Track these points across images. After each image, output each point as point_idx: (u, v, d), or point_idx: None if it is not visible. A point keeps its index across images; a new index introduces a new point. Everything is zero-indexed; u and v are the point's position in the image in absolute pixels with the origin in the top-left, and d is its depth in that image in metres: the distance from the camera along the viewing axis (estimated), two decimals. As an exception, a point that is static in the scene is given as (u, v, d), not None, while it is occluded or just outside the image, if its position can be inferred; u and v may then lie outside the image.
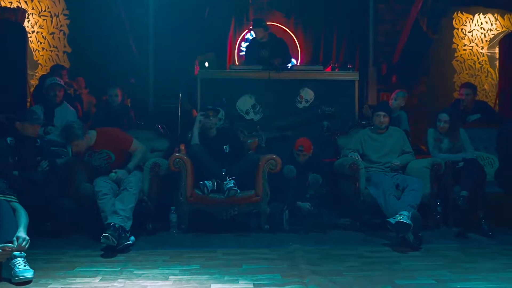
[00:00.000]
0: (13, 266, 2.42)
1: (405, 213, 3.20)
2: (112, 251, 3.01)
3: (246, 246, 3.29)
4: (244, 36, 6.65)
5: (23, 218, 2.60)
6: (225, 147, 3.99)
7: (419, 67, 6.45)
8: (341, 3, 6.35)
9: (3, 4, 6.46)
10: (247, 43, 5.81)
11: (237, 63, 6.40)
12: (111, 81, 6.22)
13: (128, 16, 6.42)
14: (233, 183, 3.62)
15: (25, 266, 2.45)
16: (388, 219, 3.25)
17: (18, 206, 2.71)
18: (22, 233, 2.51)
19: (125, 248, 3.05)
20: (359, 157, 3.86)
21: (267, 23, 6.52)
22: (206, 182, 3.64)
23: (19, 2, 6.64)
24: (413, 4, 5.94)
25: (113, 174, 3.46)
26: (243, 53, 6.64)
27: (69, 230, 3.53)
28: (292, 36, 6.47)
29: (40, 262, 2.75)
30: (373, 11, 6.25)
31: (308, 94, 4.69)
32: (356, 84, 4.72)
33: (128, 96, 5.87)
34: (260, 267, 2.74)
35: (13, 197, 2.74)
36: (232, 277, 2.52)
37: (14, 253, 2.47)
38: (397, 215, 3.20)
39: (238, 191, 3.62)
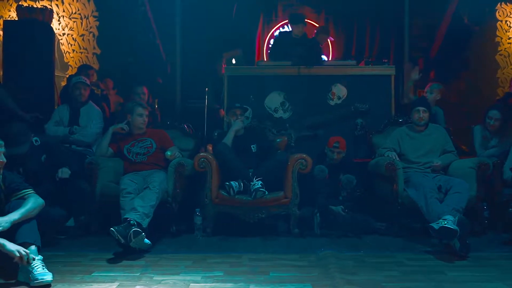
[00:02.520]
0: (31, 269, 2.31)
1: (450, 217, 2.89)
2: (129, 251, 2.87)
3: (274, 251, 3.07)
4: (273, 32, 6.46)
5: (26, 204, 2.47)
6: (253, 147, 3.81)
7: (459, 62, 6.04)
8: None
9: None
10: (276, 38, 5.58)
11: (266, 60, 6.21)
12: (139, 81, 6.21)
13: (155, 16, 6.38)
14: (261, 184, 3.42)
15: (43, 269, 2.34)
16: (431, 224, 2.95)
17: (32, 195, 2.57)
18: (11, 216, 2.38)
19: (141, 247, 2.90)
20: (396, 156, 3.57)
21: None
22: (232, 182, 3.46)
23: (50, 5, 6.75)
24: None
25: (168, 152, 3.59)
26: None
27: (96, 229, 3.48)
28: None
29: (59, 265, 2.64)
30: (408, 2, 5.90)
31: (340, 91, 4.43)
32: (392, 79, 4.42)
33: (156, 96, 5.81)
34: (289, 275, 2.51)
35: (29, 190, 2.62)
36: (258, 286, 2.32)
37: (32, 255, 2.36)
38: (441, 220, 2.90)
39: (266, 192, 3.42)
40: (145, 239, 2.91)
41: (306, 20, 5.20)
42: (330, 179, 3.63)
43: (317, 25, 6.30)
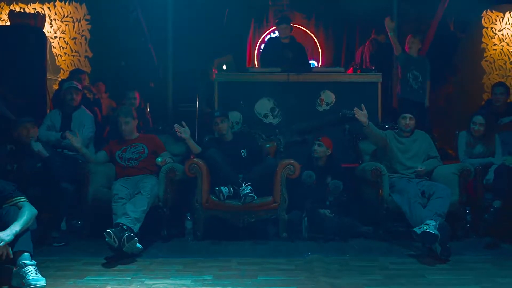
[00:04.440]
0: (24, 275, 2.37)
1: (431, 222, 3.01)
2: (121, 256, 2.93)
3: (263, 255, 3.16)
4: (264, 38, 6.54)
5: (23, 214, 2.52)
6: (242, 152, 3.88)
7: (447, 67, 6.17)
8: (364, 3, 6.14)
9: (26, 10, 6.60)
10: (265, 44, 5.66)
11: (257, 66, 6.29)
12: (131, 85, 6.23)
13: (147, 21, 6.42)
14: (250, 189, 3.51)
15: (37, 274, 2.40)
16: (414, 229, 3.06)
17: (25, 204, 2.62)
18: (12, 229, 2.44)
19: (133, 251, 2.96)
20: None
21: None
22: (222, 188, 3.53)
23: (42, 8, 6.77)
24: (439, 2, 5.68)
25: (159, 159, 3.65)
26: (263, 54, 6.56)
27: (88, 234, 3.53)
28: (313, 38, 6.32)
29: (52, 269, 2.71)
30: (396, 10, 6.02)
31: (329, 97, 4.53)
32: (379, 86, 4.53)
33: (148, 100, 5.86)
34: (276, 278, 2.60)
35: (21, 197, 2.68)
36: (246, 290, 2.40)
37: (25, 261, 2.42)
38: (423, 225, 3.01)
39: (255, 197, 3.50)
40: (137, 244, 2.97)
41: (293, 24, 5.30)
42: (318, 183, 3.71)
43: (307, 31, 6.42)
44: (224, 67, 4.86)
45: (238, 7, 6.33)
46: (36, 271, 2.41)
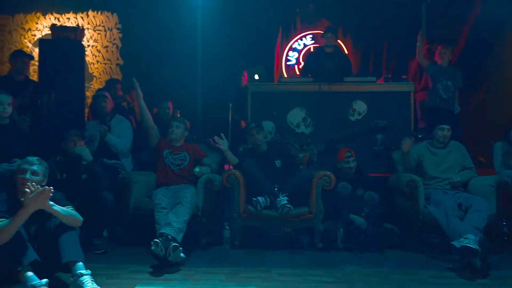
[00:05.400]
0: (81, 284, 2.48)
1: (471, 236, 3.02)
2: (165, 264, 3.04)
3: (301, 265, 3.22)
4: (291, 45, 6.59)
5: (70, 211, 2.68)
6: (277, 162, 3.95)
7: (478, 75, 6.10)
8: (392, 10, 6.13)
9: (62, 22, 6.81)
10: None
11: (284, 74, 6.35)
12: (161, 92, 6.38)
13: (177, 29, 6.54)
14: (287, 200, 3.58)
15: (93, 283, 2.51)
16: (453, 242, 3.08)
17: (73, 212, 2.78)
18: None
19: (177, 261, 3.06)
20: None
21: (316, 31, 6.52)
22: (259, 198, 3.62)
23: (76, 18, 6.99)
24: (471, 8, 5.64)
25: (197, 169, 3.77)
26: (290, 62, 6.61)
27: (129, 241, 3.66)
28: (341, 46, 6.34)
29: (103, 277, 2.81)
30: (425, 17, 5.99)
31: (360, 107, 4.57)
32: (412, 96, 4.55)
33: (177, 107, 5.98)
34: (319, 291, 2.67)
35: (69, 206, 2.81)
36: (291, 302, 2.47)
37: (81, 271, 2.54)
38: (463, 239, 3.02)
39: (292, 208, 3.57)
40: (181, 253, 3.08)
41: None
42: (351, 194, 3.76)
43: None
44: (256, 76, 4.93)
45: (266, 15, 6.40)
46: (92, 280, 2.52)
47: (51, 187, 2.53)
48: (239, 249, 3.60)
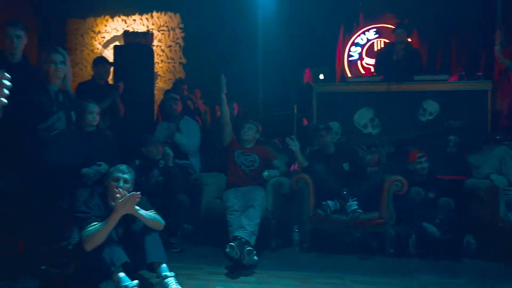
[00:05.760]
0: (166, 286, 2.63)
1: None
2: (238, 266, 3.14)
3: (373, 272, 3.19)
4: (354, 40, 6.45)
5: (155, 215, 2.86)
6: (345, 165, 3.92)
7: None
8: (463, 2, 5.79)
9: (129, 24, 7.12)
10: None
11: (347, 70, 6.24)
12: (231, 96, 6.48)
13: (238, 27, 6.61)
14: (357, 205, 3.55)
15: (177, 285, 2.64)
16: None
17: (156, 216, 2.94)
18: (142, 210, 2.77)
19: (251, 263, 3.15)
20: (504, 181, 3.50)
21: (380, 25, 6.32)
22: (329, 202, 3.62)
23: (141, 19, 7.27)
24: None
25: (266, 173, 3.82)
26: (353, 58, 6.48)
27: (202, 241, 3.82)
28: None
29: (183, 277, 2.94)
30: (501, 9, 5.60)
31: (432, 106, 4.40)
32: (489, 95, 4.31)
33: (239, 105, 6.06)
34: (396, 301, 2.64)
35: (153, 211, 2.97)
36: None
37: (166, 272, 2.69)
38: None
39: (362, 213, 3.54)
40: (255, 256, 3.16)
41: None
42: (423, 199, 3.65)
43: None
44: (321, 76, 4.89)
45: (328, 12, 6.29)
46: (176, 282, 2.66)
47: (139, 192, 2.69)
48: (308, 252, 3.63)
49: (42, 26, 7.39)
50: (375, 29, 6.39)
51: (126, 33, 4.82)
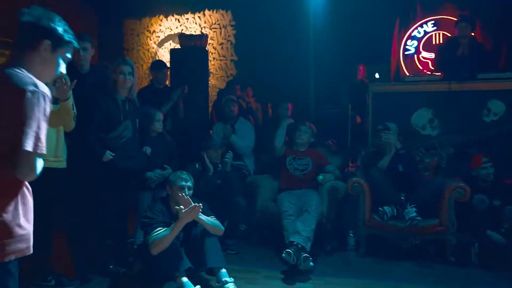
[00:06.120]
0: (226, 292, 2.74)
1: None
2: (295, 271, 3.18)
3: (433, 282, 3.12)
4: (410, 33, 6.19)
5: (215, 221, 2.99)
6: (399, 166, 3.82)
7: None
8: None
9: (182, 23, 7.27)
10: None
11: (403, 66, 6.02)
12: (273, 87, 6.51)
13: (289, 23, 6.56)
14: (415, 212, 3.46)
15: (236, 289, 2.75)
16: None
17: (216, 222, 3.06)
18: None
19: (307, 269, 3.18)
20: None
21: (439, 17, 6.02)
22: (385, 208, 3.56)
23: (194, 18, 7.41)
24: None
25: (320, 177, 3.84)
26: (409, 52, 6.24)
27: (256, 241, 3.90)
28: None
29: (241, 281, 3.04)
30: None
31: (497, 107, 4.15)
32: None
33: (289, 100, 6.02)
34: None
35: (213, 217, 3.08)
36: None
37: (225, 278, 2.79)
38: None
39: (421, 219, 3.45)
40: (311, 262, 3.19)
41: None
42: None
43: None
44: (377, 75, 4.77)
45: (382, 5, 6.07)
46: (235, 287, 2.76)
47: (201, 204, 2.80)
48: (364, 257, 3.61)
49: (101, 26, 7.76)
50: (433, 21, 6.09)
51: (181, 35, 4.93)
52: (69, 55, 1.67)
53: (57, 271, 3.00)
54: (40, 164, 1.51)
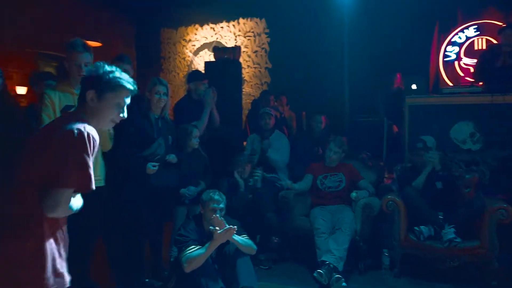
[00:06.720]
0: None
1: None
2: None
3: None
4: (450, 39, 5.98)
5: (248, 240, 3.03)
6: (437, 183, 3.69)
7: None
8: None
9: (217, 32, 7.36)
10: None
11: (443, 74, 5.83)
12: (307, 95, 6.46)
13: (323, 31, 6.50)
14: (454, 232, 3.34)
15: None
16: None
17: (248, 241, 3.08)
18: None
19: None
20: None
21: (481, 21, 5.77)
22: (422, 228, 3.45)
23: (228, 26, 7.48)
24: None
25: (354, 194, 3.76)
26: (449, 58, 6.02)
27: (288, 256, 3.90)
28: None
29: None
30: None
31: (545, 120, 3.94)
32: None
33: (322, 109, 5.93)
34: None
35: (245, 236, 3.11)
36: None
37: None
38: None
39: (460, 240, 3.32)
40: (343, 283, 3.15)
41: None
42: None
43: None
44: (414, 86, 4.62)
45: (420, 10, 5.89)
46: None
47: (235, 227, 2.83)
48: (399, 277, 3.51)
49: (138, 35, 7.99)
50: (475, 26, 5.86)
51: (215, 48, 4.99)
52: (127, 100, 1.75)
53: (96, 283, 3.12)
54: (77, 201, 1.58)
